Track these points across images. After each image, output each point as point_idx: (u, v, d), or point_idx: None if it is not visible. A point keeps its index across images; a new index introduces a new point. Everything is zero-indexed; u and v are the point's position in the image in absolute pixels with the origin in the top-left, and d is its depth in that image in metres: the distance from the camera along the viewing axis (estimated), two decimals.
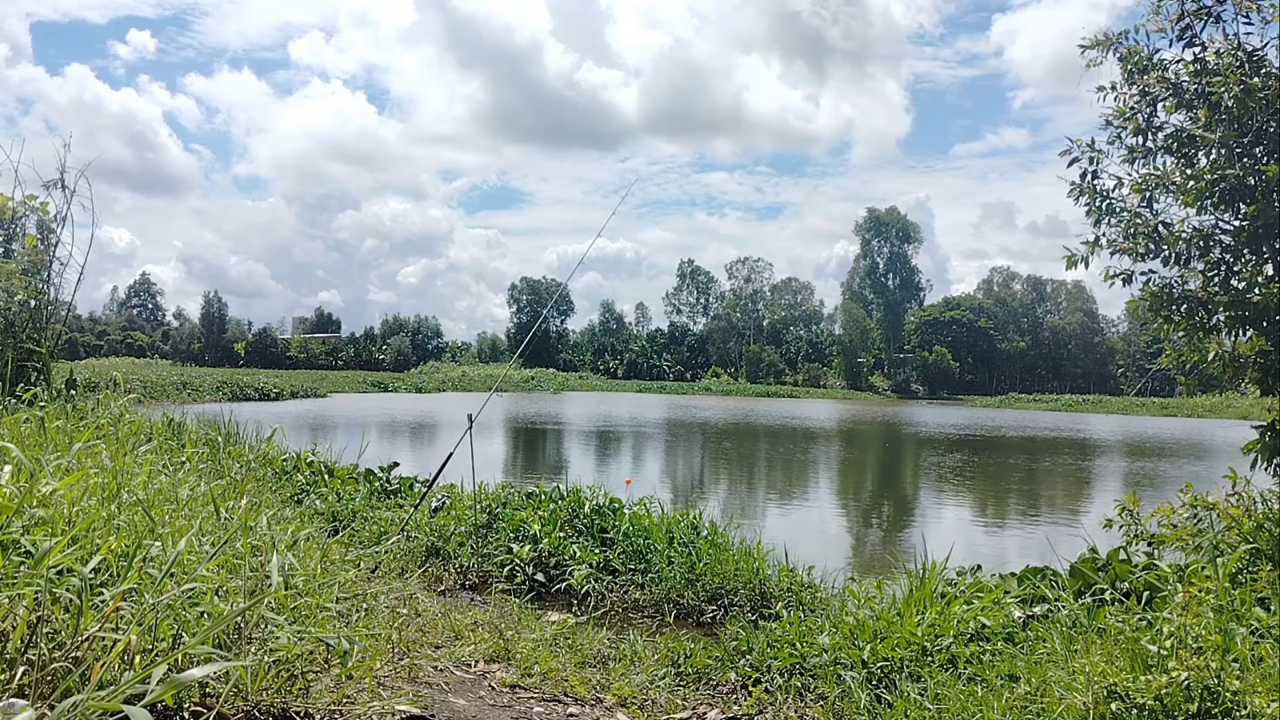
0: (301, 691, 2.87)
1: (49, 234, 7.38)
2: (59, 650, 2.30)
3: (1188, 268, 5.44)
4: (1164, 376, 58.55)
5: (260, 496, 6.25)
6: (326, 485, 8.75)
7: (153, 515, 3.28)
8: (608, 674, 4.23)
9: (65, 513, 2.86)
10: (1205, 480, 8.50)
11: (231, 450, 8.37)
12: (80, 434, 4.44)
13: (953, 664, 3.94)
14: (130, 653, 2.25)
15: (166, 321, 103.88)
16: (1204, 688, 2.86)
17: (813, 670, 4.17)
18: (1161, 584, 4.26)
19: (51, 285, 7.29)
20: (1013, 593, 4.75)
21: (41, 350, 6.75)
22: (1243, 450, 5.44)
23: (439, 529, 7.01)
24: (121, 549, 2.79)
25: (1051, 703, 3.20)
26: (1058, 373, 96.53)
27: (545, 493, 7.98)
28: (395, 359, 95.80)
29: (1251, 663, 3.13)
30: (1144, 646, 3.21)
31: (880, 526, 12.45)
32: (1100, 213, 5.65)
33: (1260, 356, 5.29)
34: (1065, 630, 3.91)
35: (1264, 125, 4.93)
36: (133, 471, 3.96)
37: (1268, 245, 5.15)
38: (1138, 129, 5.57)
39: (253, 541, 3.65)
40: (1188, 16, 5.46)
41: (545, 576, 6.50)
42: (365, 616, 4.04)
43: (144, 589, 2.55)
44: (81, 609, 2.31)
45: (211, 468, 6.68)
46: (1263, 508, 5.11)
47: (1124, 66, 5.62)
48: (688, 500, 13.01)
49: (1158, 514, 5.49)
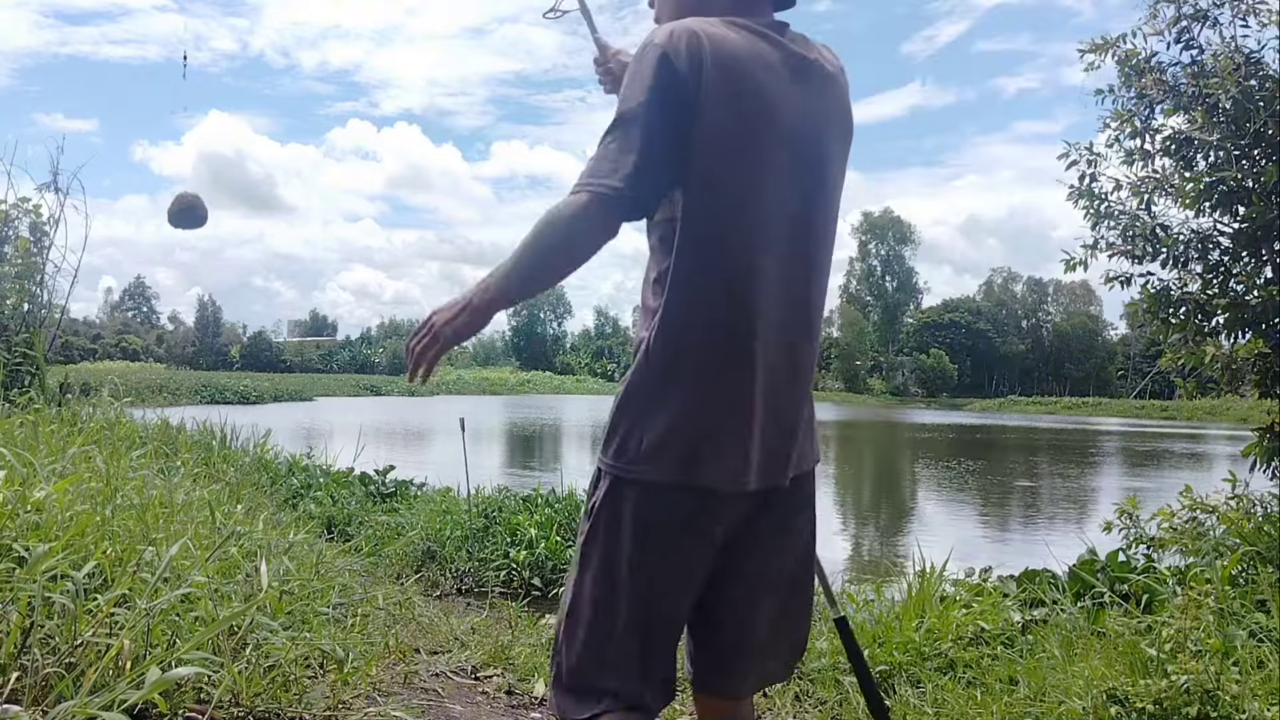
0: (296, 697, 2.84)
1: (42, 236, 7.34)
2: (52, 656, 2.28)
3: (1186, 270, 5.45)
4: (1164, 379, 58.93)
5: (256, 500, 6.23)
6: (321, 489, 8.73)
7: (147, 520, 3.26)
8: None
9: (59, 518, 2.84)
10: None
11: (226, 453, 8.36)
12: (74, 438, 4.41)
13: (951, 668, 3.93)
14: (124, 658, 2.23)
15: (161, 325, 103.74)
16: (1203, 691, 2.85)
17: (810, 674, 4.15)
18: (1161, 587, 4.25)
19: (45, 289, 7.24)
20: (1011, 596, 4.74)
21: (35, 354, 6.71)
22: (1242, 453, 5.44)
23: (435, 533, 6.99)
24: (116, 554, 2.77)
25: (1051, 706, 3.19)
26: (1058, 375, 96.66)
27: (542, 496, 7.96)
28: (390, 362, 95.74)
29: (1251, 666, 3.13)
30: (1143, 650, 3.20)
31: (877, 528, 12.45)
32: (1098, 215, 5.65)
33: (1259, 359, 5.29)
34: (1064, 634, 3.90)
35: (1262, 128, 4.93)
36: (127, 476, 3.94)
37: (1266, 248, 5.15)
38: (1135, 131, 5.57)
39: (248, 546, 3.63)
40: (1184, 19, 5.47)
41: (542, 580, 6.48)
42: (361, 621, 4.03)
43: (138, 594, 2.53)
44: (75, 615, 2.29)
45: (206, 472, 6.66)
46: (1262, 510, 5.11)
47: (1121, 69, 5.63)
48: None
49: (1157, 516, 5.49)
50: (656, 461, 1.58)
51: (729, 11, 1.63)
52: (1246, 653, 3.18)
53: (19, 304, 7.13)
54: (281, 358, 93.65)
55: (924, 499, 15.85)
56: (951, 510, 14.29)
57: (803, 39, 1.70)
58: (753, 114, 1.54)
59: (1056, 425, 43.92)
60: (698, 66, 1.50)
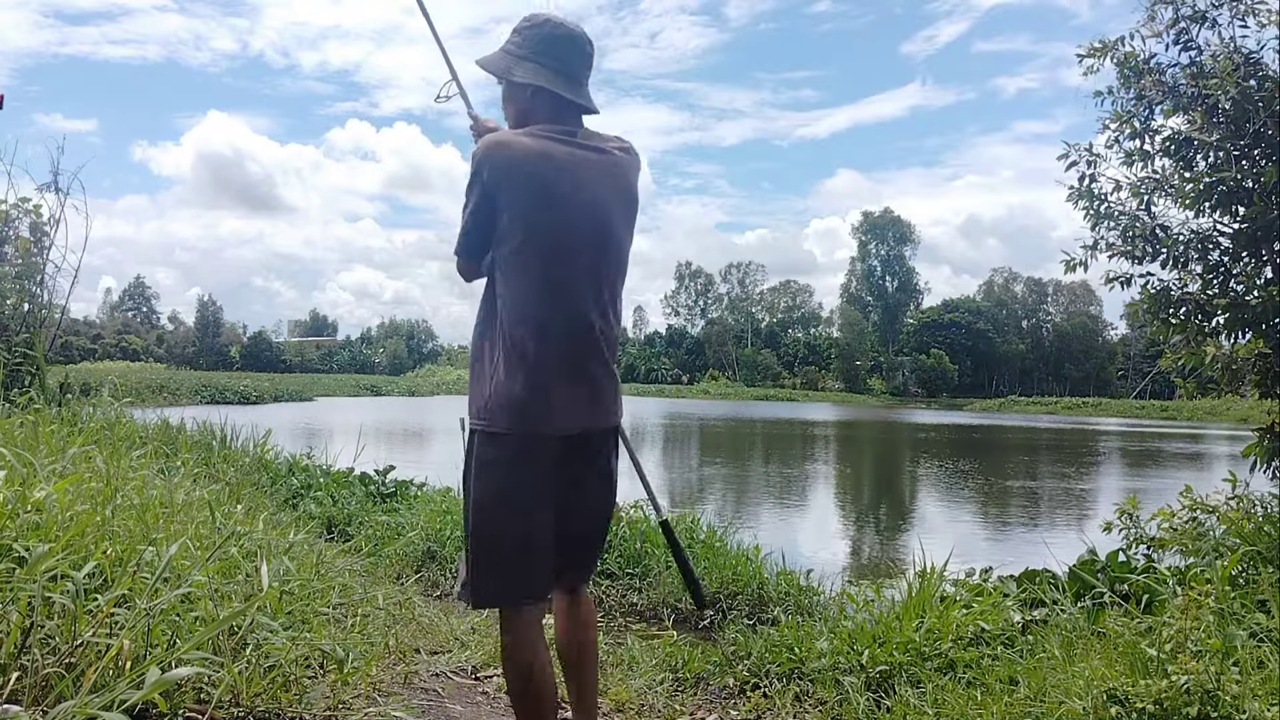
0: (296, 697, 2.84)
1: (42, 237, 7.34)
2: (52, 656, 2.28)
3: (1186, 270, 5.45)
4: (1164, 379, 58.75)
5: (256, 500, 6.23)
6: (321, 489, 8.72)
7: (147, 520, 3.26)
8: (605, 679, 4.20)
9: (59, 518, 2.84)
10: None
11: (226, 453, 8.35)
12: (74, 438, 4.41)
13: (951, 668, 3.93)
14: (124, 658, 2.23)
15: (161, 325, 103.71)
16: (1204, 691, 2.85)
17: (811, 675, 4.15)
18: (1161, 587, 4.24)
19: (45, 289, 7.24)
20: (1011, 596, 4.74)
21: (35, 354, 6.71)
22: (1242, 454, 5.44)
23: (435, 533, 6.99)
24: (116, 554, 2.77)
25: (1051, 707, 3.19)
26: (1058, 375, 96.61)
27: None
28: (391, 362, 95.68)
29: (1252, 666, 3.12)
30: (1143, 650, 3.19)
31: (877, 529, 12.44)
32: (1098, 216, 5.65)
33: (1259, 359, 5.29)
34: (1065, 634, 3.89)
35: (1262, 128, 4.93)
36: (127, 476, 3.94)
37: (1266, 248, 5.15)
38: (1135, 132, 5.57)
39: (248, 546, 3.63)
40: (1183, 20, 5.47)
41: None
42: (361, 621, 4.03)
43: (138, 594, 2.53)
44: (75, 615, 2.29)
45: (206, 471, 6.66)
46: (1262, 510, 5.11)
47: (1120, 70, 5.63)
48: (679, 502, 13.00)
49: (1157, 517, 5.49)
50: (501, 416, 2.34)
51: (543, 122, 2.42)
52: (1247, 653, 3.17)
53: (19, 304, 7.13)
54: (281, 358, 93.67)
55: (924, 499, 15.85)
56: (951, 510, 14.29)
57: (596, 135, 2.49)
58: (546, 195, 2.32)
59: (1056, 425, 43.91)
60: (498, 167, 2.32)
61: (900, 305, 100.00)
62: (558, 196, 2.33)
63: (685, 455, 23.73)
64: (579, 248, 2.37)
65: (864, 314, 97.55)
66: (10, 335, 6.76)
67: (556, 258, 2.35)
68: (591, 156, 2.42)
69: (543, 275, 2.33)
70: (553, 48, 2.47)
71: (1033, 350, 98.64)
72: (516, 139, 2.35)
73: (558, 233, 2.34)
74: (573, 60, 2.48)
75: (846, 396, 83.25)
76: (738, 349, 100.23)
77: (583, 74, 2.51)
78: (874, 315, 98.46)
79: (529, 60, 2.45)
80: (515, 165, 2.31)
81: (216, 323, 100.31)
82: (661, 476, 17.63)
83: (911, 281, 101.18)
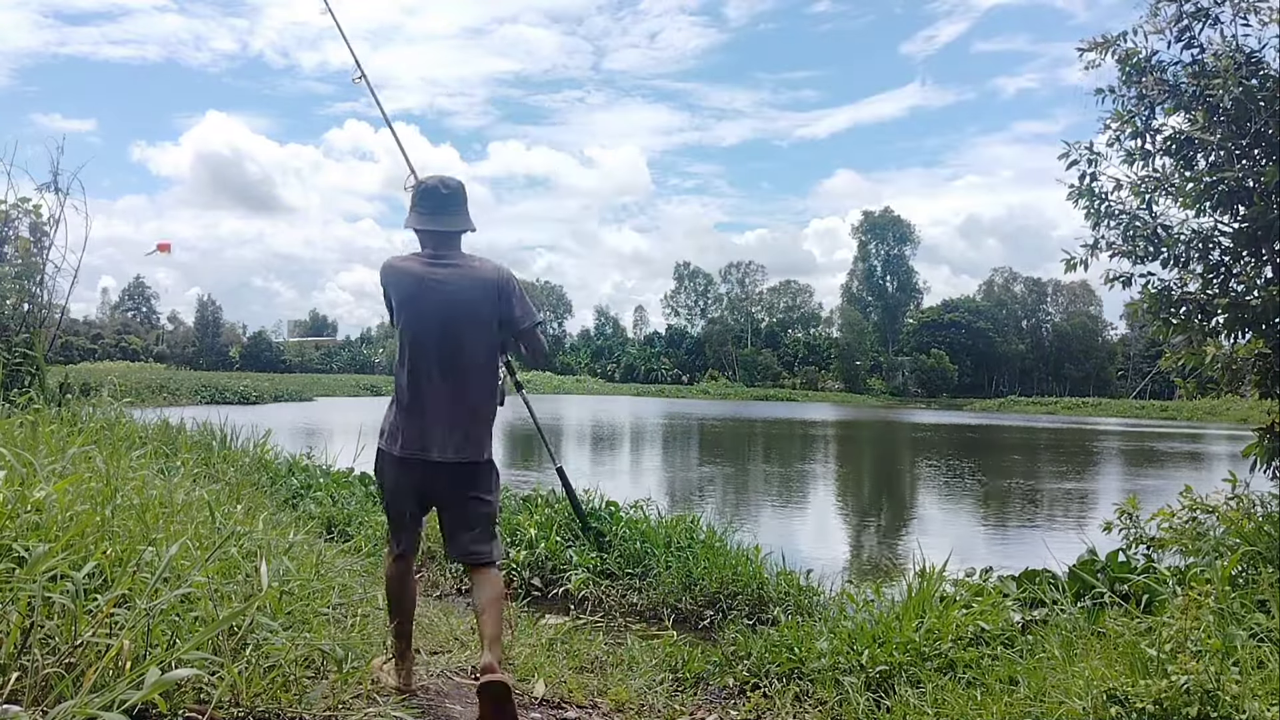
0: (296, 697, 2.84)
1: (42, 237, 7.34)
2: (52, 656, 2.28)
3: (1187, 270, 5.44)
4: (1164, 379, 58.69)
5: (256, 500, 6.22)
6: (321, 489, 8.72)
7: (147, 520, 3.26)
8: (605, 679, 4.21)
9: (59, 518, 2.84)
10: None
11: (226, 454, 8.35)
12: (74, 438, 4.41)
13: (951, 668, 3.93)
14: (124, 658, 2.23)
15: (161, 325, 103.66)
16: (1204, 691, 2.85)
17: (811, 675, 4.15)
18: (1161, 587, 4.24)
19: (45, 289, 7.24)
20: (1011, 596, 4.74)
21: (35, 354, 6.71)
22: (1242, 453, 5.44)
23: (434, 533, 6.98)
24: (116, 554, 2.76)
25: (1051, 707, 3.19)
26: (1058, 375, 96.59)
27: (541, 496, 7.96)
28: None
29: (1252, 666, 3.12)
30: (1143, 650, 3.19)
31: (878, 529, 12.44)
32: (1099, 215, 5.65)
33: (1259, 359, 5.28)
34: (1064, 634, 3.89)
35: (1263, 127, 4.93)
36: (127, 476, 3.93)
37: (1267, 248, 5.15)
38: (1136, 131, 5.57)
39: (248, 546, 3.63)
40: (1185, 18, 5.47)
41: (542, 581, 6.48)
42: (361, 621, 4.03)
43: (138, 594, 2.53)
44: (75, 615, 2.29)
45: (206, 472, 6.65)
46: (1262, 510, 5.11)
47: (1122, 68, 5.62)
48: (680, 501, 13.00)
49: (1157, 517, 5.49)
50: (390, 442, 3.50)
51: (427, 247, 3.51)
52: (1246, 653, 3.17)
53: (19, 304, 7.13)
54: (281, 358, 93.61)
55: (924, 499, 15.84)
56: (951, 510, 14.29)
57: (465, 258, 3.52)
58: (408, 297, 3.43)
59: (1056, 425, 43.91)
60: (388, 279, 3.50)
61: (900, 305, 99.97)
62: (424, 304, 3.42)
63: (685, 455, 23.73)
64: (440, 336, 3.40)
65: (864, 314, 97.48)
66: (10, 335, 6.76)
67: (423, 343, 3.41)
68: (444, 270, 3.43)
69: (417, 352, 3.44)
70: (424, 199, 3.50)
71: (1032, 350, 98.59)
72: (396, 261, 3.51)
73: (413, 319, 3.42)
74: (437, 202, 3.49)
75: (846, 396, 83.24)
76: (737, 349, 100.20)
77: (449, 207, 3.50)
78: (874, 315, 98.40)
79: (412, 210, 3.55)
80: (399, 276, 3.47)
81: (216, 323, 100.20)
82: (661, 476, 17.64)
83: (911, 281, 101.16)
